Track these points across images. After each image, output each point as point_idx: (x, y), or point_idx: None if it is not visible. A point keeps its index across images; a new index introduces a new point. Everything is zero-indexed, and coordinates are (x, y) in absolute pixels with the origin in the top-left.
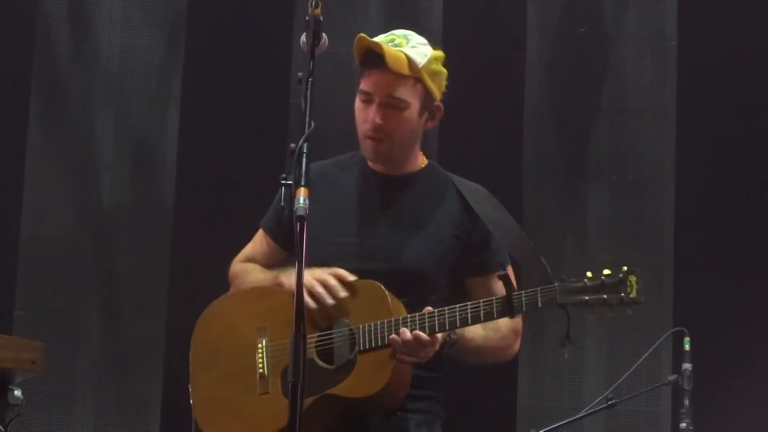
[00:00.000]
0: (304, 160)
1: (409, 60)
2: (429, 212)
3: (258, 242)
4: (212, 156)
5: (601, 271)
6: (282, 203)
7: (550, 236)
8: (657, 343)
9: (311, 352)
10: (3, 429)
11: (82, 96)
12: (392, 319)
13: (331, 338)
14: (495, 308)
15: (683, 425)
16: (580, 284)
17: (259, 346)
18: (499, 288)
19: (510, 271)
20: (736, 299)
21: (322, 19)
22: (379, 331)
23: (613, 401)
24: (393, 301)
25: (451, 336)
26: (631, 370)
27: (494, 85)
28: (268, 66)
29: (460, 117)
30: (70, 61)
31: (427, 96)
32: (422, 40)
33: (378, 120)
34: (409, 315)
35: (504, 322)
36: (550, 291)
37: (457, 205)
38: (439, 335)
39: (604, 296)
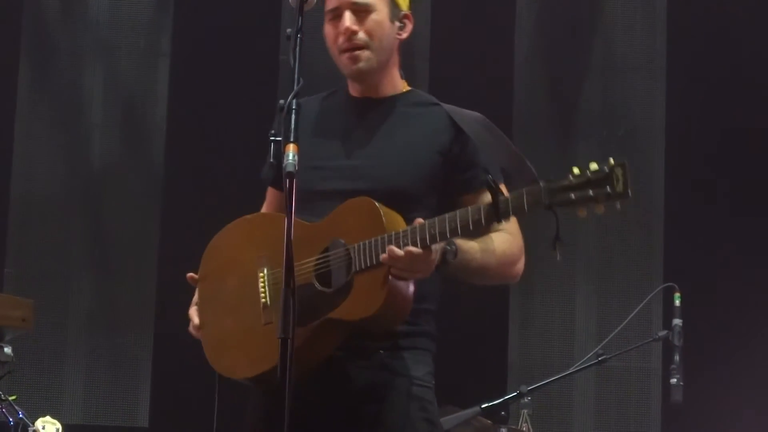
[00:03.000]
0: (292, 116)
1: None
2: (411, 131)
3: (267, 197)
4: (202, 113)
5: (588, 167)
6: (272, 159)
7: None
8: (647, 298)
9: (310, 276)
10: None
11: (71, 54)
12: (384, 236)
13: (328, 261)
14: (483, 215)
15: (674, 380)
16: (565, 182)
17: (261, 275)
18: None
19: (503, 189)
20: (726, 254)
21: None
22: (372, 249)
23: (603, 357)
24: (387, 215)
25: (451, 246)
26: (621, 325)
27: (484, 43)
28: (257, 22)
29: (450, 76)
30: (58, 20)
31: (392, 3)
32: None
33: (349, 24)
34: (401, 230)
35: (502, 241)
36: (535, 192)
37: (442, 124)
38: (436, 247)
39: (590, 192)
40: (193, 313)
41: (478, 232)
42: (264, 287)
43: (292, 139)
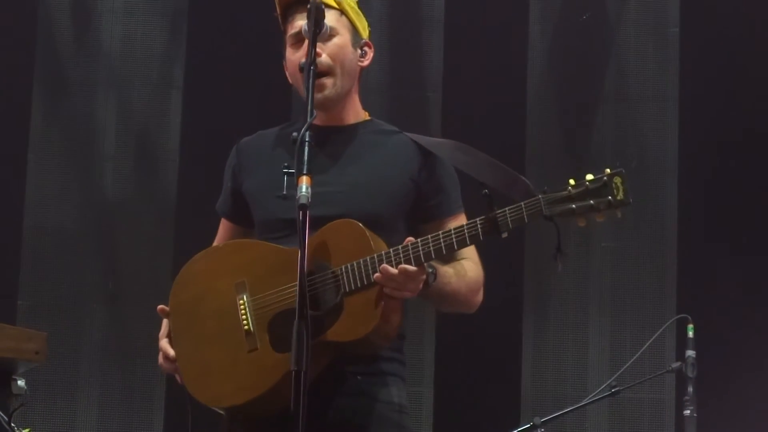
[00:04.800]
0: (305, 148)
1: None
2: (380, 157)
3: (220, 229)
4: (215, 145)
5: (584, 177)
6: (284, 192)
7: (553, 225)
8: (660, 330)
9: (295, 302)
10: (7, 419)
11: (84, 86)
12: (375, 256)
13: (314, 284)
14: (480, 229)
15: (687, 412)
16: (564, 193)
17: (241, 302)
18: None
19: (462, 218)
20: (739, 286)
21: (323, 7)
22: (363, 270)
23: (616, 389)
24: (373, 237)
25: (431, 269)
26: (634, 357)
27: (496, 74)
28: (269, 54)
29: (463, 105)
30: (72, 51)
31: (354, 31)
32: None
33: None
34: (392, 249)
35: (471, 269)
36: (535, 203)
37: (410, 150)
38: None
39: (591, 202)
40: (166, 345)
41: (451, 257)
42: (245, 314)
43: (305, 172)
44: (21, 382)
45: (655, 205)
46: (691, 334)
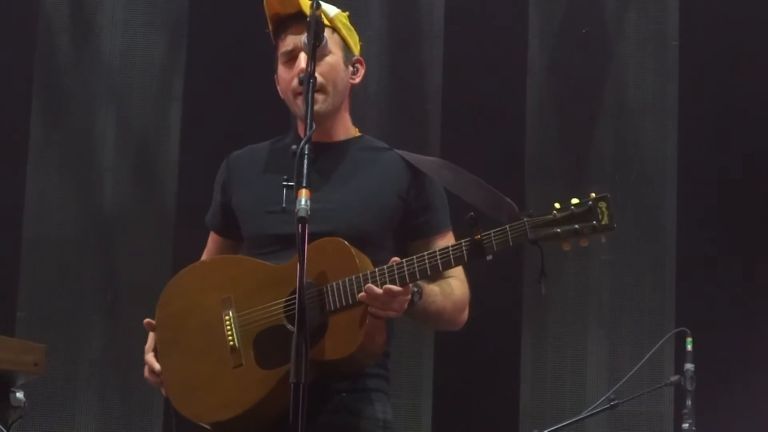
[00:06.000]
0: (305, 161)
1: (321, 7)
2: (368, 174)
3: (209, 243)
4: (214, 156)
5: (569, 201)
6: (284, 204)
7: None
8: (659, 343)
9: (281, 318)
10: (6, 431)
11: (83, 97)
12: (360, 275)
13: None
14: (465, 251)
15: (686, 426)
16: (549, 217)
17: (226, 318)
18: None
19: (450, 237)
20: (738, 299)
21: (323, 19)
22: (348, 288)
23: (615, 402)
24: (359, 256)
25: (417, 287)
26: (633, 370)
27: (496, 85)
28: (269, 66)
29: (463, 118)
30: (71, 62)
31: (345, 48)
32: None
33: (305, 65)
34: (377, 268)
35: (457, 287)
36: (520, 227)
37: (399, 167)
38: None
39: (576, 226)
40: (151, 359)
41: (437, 275)
42: (231, 330)
43: (304, 185)
44: (20, 394)
45: (654, 218)
46: (689, 347)
